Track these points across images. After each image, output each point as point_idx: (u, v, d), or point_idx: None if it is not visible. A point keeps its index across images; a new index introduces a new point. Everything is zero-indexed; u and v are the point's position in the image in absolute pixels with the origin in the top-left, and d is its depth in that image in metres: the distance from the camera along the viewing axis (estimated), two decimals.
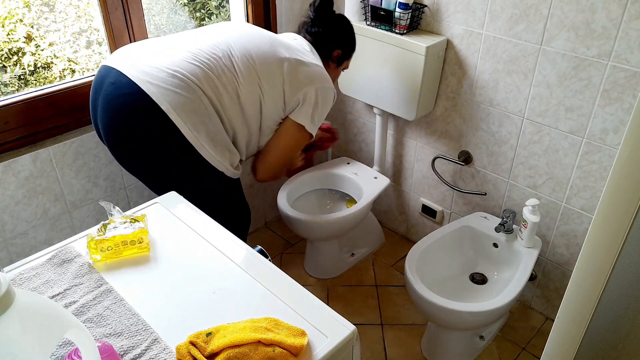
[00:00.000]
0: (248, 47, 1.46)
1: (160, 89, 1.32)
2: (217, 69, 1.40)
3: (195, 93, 1.35)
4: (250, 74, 1.43)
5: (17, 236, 1.60)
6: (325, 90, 1.56)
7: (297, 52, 1.55)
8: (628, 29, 1.40)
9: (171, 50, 1.41)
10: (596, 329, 0.90)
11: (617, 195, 0.76)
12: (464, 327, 1.67)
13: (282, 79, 1.48)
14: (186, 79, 1.34)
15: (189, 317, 0.93)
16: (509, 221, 1.77)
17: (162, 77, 1.33)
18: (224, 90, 1.40)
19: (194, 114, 1.34)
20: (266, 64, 1.46)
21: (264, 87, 1.46)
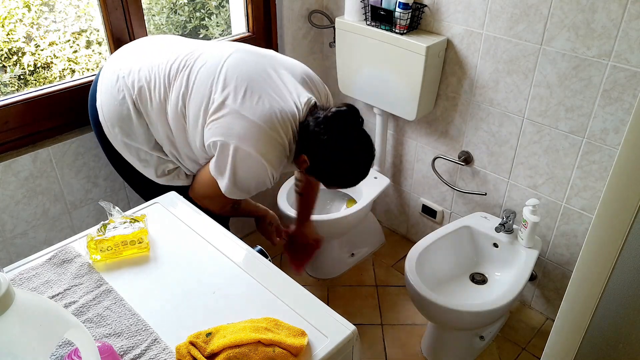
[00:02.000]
0: (200, 71, 1.36)
1: (104, 92, 1.42)
2: (156, 82, 1.38)
3: (125, 100, 1.39)
4: (177, 98, 1.36)
5: (17, 236, 1.60)
6: (243, 154, 1.28)
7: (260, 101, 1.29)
8: (628, 29, 1.40)
9: (147, 54, 1.44)
10: (596, 329, 0.90)
11: (617, 195, 0.76)
12: (464, 327, 1.67)
13: (204, 117, 1.32)
14: (124, 84, 1.40)
15: (189, 317, 0.93)
16: (509, 221, 1.77)
17: (112, 79, 1.41)
18: (152, 105, 1.39)
19: (118, 118, 1.40)
20: (196, 94, 1.34)
21: (188, 116, 1.36)
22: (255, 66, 1.36)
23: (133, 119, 1.40)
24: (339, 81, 2.09)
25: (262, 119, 1.28)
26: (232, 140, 1.27)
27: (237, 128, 1.28)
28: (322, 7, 2.15)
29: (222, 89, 1.31)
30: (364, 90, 2.02)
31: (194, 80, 1.35)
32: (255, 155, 1.28)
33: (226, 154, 1.29)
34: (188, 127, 1.37)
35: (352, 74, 2.01)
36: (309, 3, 2.10)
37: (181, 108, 1.36)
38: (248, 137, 1.27)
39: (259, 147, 1.28)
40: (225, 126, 1.28)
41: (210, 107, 1.31)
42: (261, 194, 2.35)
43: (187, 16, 2.10)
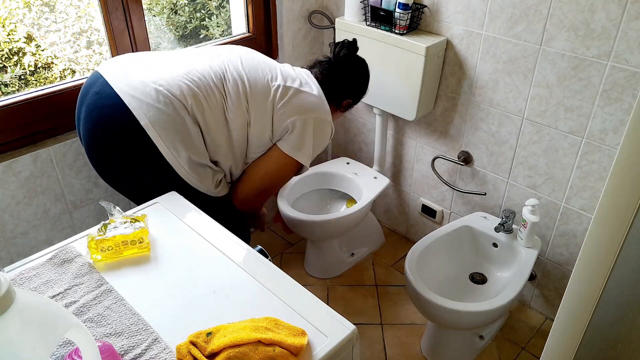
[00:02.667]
0: (242, 70, 1.44)
1: (142, 103, 1.29)
2: (207, 89, 1.36)
3: (178, 111, 1.31)
4: (239, 98, 1.40)
5: (17, 236, 1.60)
6: (320, 122, 1.51)
7: (295, 80, 1.51)
8: (628, 29, 1.40)
9: (163, 65, 1.38)
10: (596, 329, 0.90)
11: (616, 195, 0.76)
12: (464, 327, 1.67)
13: (272, 106, 1.45)
14: (171, 95, 1.31)
15: (189, 317, 0.93)
16: (508, 221, 1.78)
17: (147, 92, 1.30)
18: (210, 111, 1.36)
19: (175, 132, 1.31)
20: (256, 89, 1.43)
21: (252, 112, 1.42)
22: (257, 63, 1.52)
23: (191, 130, 1.34)
24: None
25: (314, 90, 1.53)
26: (310, 114, 1.48)
27: (307, 103, 1.48)
28: (322, 7, 2.15)
29: (274, 78, 1.48)
30: None
31: (247, 78, 1.44)
32: (327, 119, 1.53)
33: (308, 128, 1.47)
34: (251, 123, 1.43)
35: None
36: (309, 3, 2.10)
37: (245, 106, 1.42)
38: (317, 107, 1.51)
39: (326, 112, 1.53)
40: (297, 105, 1.47)
41: (275, 95, 1.45)
42: None
43: (187, 16, 2.10)
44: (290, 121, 1.45)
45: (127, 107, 1.29)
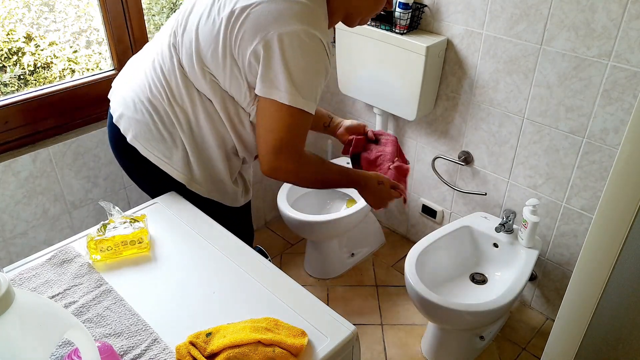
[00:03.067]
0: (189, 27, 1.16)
1: (126, 119, 1.25)
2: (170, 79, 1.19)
3: (153, 116, 1.22)
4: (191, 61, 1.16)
5: (17, 236, 1.60)
6: (288, 38, 1.04)
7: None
8: (628, 29, 1.40)
9: (140, 65, 1.28)
10: (596, 329, 0.90)
11: (617, 195, 0.76)
12: (464, 327, 1.67)
13: (225, 44, 1.10)
14: (152, 108, 1.22)
15: (189, 317, 0.93)
16: (509, 221, 1.77)
17: (128, 104, 1.25)
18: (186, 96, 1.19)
19: (160, 142, 1.22)
20: (204, 33, 1.13)
21: (212, 68, 1.14)
22: None
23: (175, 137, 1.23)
24: (338, 81, 2.09)
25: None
26: (270, 31, 1.04)
27: (267, 18, 1.05)
28: None
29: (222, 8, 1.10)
30: (364, 90, 2.02)
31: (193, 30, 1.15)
32: (305, 29, 1.04)
33: (271, 52, 1.04)
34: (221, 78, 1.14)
35: (352, 74, 2.01)
36: None
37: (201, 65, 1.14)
38: (286, 15, 1.04)
39: (305, 19, 1.05)
40: (255, 25, 1.06)
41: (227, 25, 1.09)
42: (261, 193, 2.36)
43: None
44: (249, 54, 1.07)
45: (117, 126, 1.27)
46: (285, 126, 1.10)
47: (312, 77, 1.09)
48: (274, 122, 1.10)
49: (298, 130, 1.12)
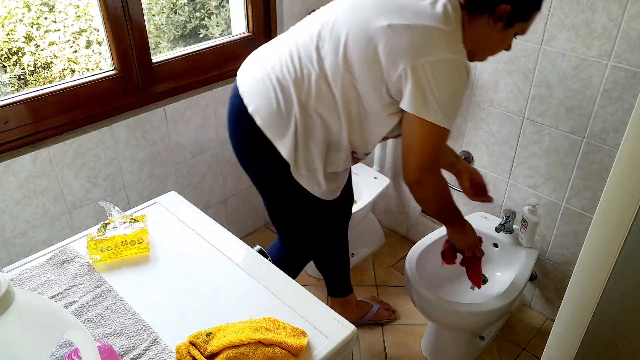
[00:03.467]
0: (340, 25, 1.24)
1: (251, 95, 1.29)
2: (307, 63, 1.25)
3: (284, 94, 1.25)
4: (338, 60, 1.22)
5: (16, 236, 1.60)
6: (437, 65, 1.15)
7: (408, 13, 1.18)
8: (628, 29, 1.40)
9: (274, 51, 1.33)
10: (597, 329, 0.90)
11: (617, 195, 0.76)
12: (464, 327, 1.67)
13: (376, 55, 1.18)
14: (278, 85, 1.26)
15: (189, 317, 0.93)
16: (509, 221, 1.77)
17: (256, 79, 1.30)
18: (313, 86, 1.24)
19: (278, 117, 1.26)
20: (356, 42, 1.20)
21: (355, 71, 1.22)
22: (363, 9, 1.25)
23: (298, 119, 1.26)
24: None
25: (429, 19, 1.17)
26: (424, 57, 1.14)
27: (418, 42, 1.15)
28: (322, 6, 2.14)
29: (377, 15, 1.18)
30: None
31: (343, 30, 1.22)
32: (451, 58, 1.17)
33: (424, 76, 1.15)
34: (359, 84, 1.22)
35: None
36: (309, 3, 2.10)
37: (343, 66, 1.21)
38: (436, 44, 1.16)
39: (450, 49, 1.17)
40: (405, 46, 1.15)
41: (379, 38, 1.17)
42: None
43: (187, 16, 2.10)
44: (400, 70, 1.16)
45: (246, 107, 1.30)
46: (431, 143, 1.23)
47: (457, 100, 1.22)
48: (422, 138, 1.22)
49: (440, 146, 1.28)
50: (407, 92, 1.18)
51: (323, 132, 1.28)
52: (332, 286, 1.86)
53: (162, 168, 1.90)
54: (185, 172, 1.99)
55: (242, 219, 2.34)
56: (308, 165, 1.31)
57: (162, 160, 1.89)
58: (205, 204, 2.12)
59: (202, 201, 2.11)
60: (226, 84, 1.97)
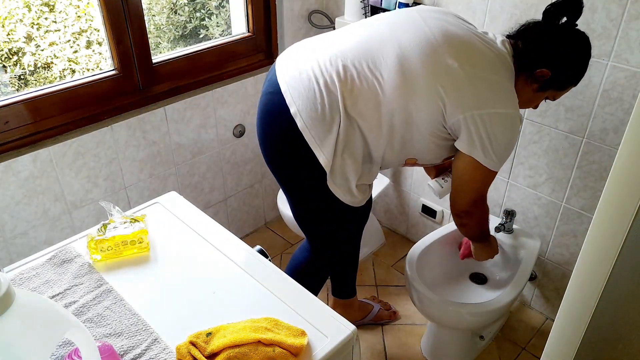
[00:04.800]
0: (406, 45, 1.23)
1: (294, 90, 1.25)
2: (361, 73, 1.23)
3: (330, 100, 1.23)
4: (400, 80, 1.22)
5: (17, 236, 1.60)
6: (498, 117, 1.22)
7: (476, 60, 1.23)
8: (628, 29, 1.40)
9: (322, 51, 1.29)
10: (596, 329, 0.90)
11: (617, 195, 0.76)
12: (464, 327, 1.67)
13: (442, 90, 1.21)
14: (325, 89, 1.23)
15: (189, 317, 0.93)
16: (509, 221, 1.77)
17: (300, 80, 1.25)
18: (361, 97, 1.23)
19: (321, 123, 1.23)
20: (425, 70, 1.21)
21: (416, 96, 1.22)
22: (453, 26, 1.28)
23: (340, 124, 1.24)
24: None
25: (495, 72, 1.24)
26: (484, 109, 1.21)
27: (481, 95, 1.21)
28: (322, 7, 2.15)
29: (449, 50, 1.22)
30: None
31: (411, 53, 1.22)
32: (508, 112, 1.23)
33: (484, 125, 1.22)
34: (414, 109, 1.23)
35: None
36: (309, 3, 2.10)
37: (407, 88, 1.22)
38: (496, 98, 1.22)
39: (508, 104, 1.24)
40: (468, 96, 1.21)
41: (444, 76, 1.21)
42: (261, 193, 2.36)
43: (187, 16, 2.10)
44: (462, 117, 1.22)
45: (284, 96, 1.27)
46: (482, 183, 1.34)
47: (510, 149, 1.30)
48: (476, 179, 1.31)
49: (489, 185, 1.37)
50: (466, 135, 1.24)
51: (362, 145, 1.27)
52: (337, 287, 1.86)
53: (162, 168, 1.90)
54: (185, 172, 1.99)
55: (242, 219, 2.34)
56: (343, 175, 1.30)
57: (162, 160, 1.89)
58: (205, 204, 2.12)
59: (202, 201, 2.11)
60: (226, 84, 1.97)
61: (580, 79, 1.33)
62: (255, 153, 2.21)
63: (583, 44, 1.29)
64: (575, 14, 1.26)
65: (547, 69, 1.26)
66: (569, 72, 1.30)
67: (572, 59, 1.29)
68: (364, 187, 1.37)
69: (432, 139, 1.29)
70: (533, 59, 1.27)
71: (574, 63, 1.30)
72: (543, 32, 1.28)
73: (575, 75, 1.32)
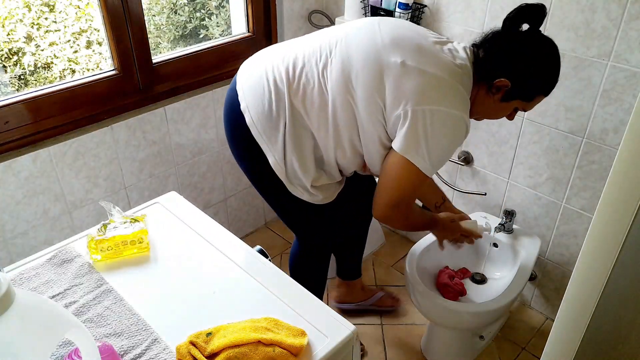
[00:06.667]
0: (353, 46, 1.23)
1: (246, 91, 1.28)
2: (308, 72, 1.23)
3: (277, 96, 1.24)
4: (343, 79, 1.21)
5: (17, 236, 1.60)
6: (440, 115, 1.16)
7: (424, 58, 1.19)
8: (628, 29, 1.40)
9: (279, 53, 1.31)
10: (596, 329, 0.90)
11: (617, 195, 0.76)
12: (464, 327, 1.67)
13: (382, 87, 1.18)
14: (274, 86, 1.24)
15: (189, 317, 0.93)
16: (508, 221, 1.77)
17: (253, 78, 1.28)
18: (308, 95, 1.23)
19: (268, 119, 1.24)
20: (365, 68, 1.20)
21: (357, 95, 1.20)
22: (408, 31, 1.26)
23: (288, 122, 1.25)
24: None
25: (443, 71, 1.18)
26: (428, 104, 1.15)
27: (427, 89, 1.16)
28: (322, 7, 2.15)
29: (393, 49, 1.19)
30: None
31: (355, 53, 1.21)
32: (455, 113, 1.17)
33: (422, 121, 1.15)
34: (358, 109, 1.21)
35: None
36: (309, 3, 2.10)
37: (348, 85, 1.20)
38: (444, 95, 1.17)
39: (457, 104, 1.18)
40: (412, 89, 1.16)
41: (388, 73, 1.17)
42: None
43: (187, 16, 2.10)
44: (402, 110, 1.16)
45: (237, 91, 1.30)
46: (409, 185, 1.24)
47: (447, 153, 1.24)
48: (401, 178, 1.23)
49: (416, 190, 1.29)
50: (401, 132, 1.18)
51: (311, 145, 1.27)
52: (341, 268, 1.89)
53: (162, 168, 1.90)
54: (185, 172, 1.99)
55: (242, 219, 2.34)
56: (294, 174, 1.29)
57: (162, 160, 1.89)
58: (205, 204, 2.13)
59: (202, 201, 2.11)
60: (226, 84, 1.97)
61: (550, 88, 1.25)
62: None
63: (547, 51, 1.22)
64: (537, 20, 1.20)
65: (506, 79, 1.20)
66: (532, 81, 1.23)
67: (533, 67, 1.22)
68: (326, 186, 1.35)
69: (377, 142, 1.25)
70: (491, 69, 1.22)
71: (537, 72, 1.22)
72: (501, 40, 1.22)
73: (541, 84, 1.24)
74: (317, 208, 1.40)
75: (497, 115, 1.33)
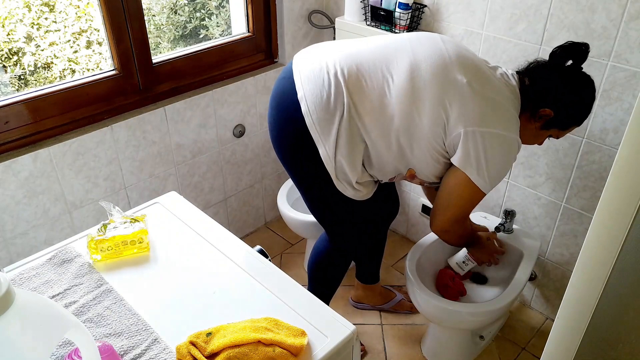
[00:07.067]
0: (420, 55, 1.27)
1: (304, 80, 1.28)
2: (372, 73, 1.26)
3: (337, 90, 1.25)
4: (409, 86, 1.24)
5: (17, 236, 1.60)
6: (498, 138, 1.24)
7: (486, 82, 1.27)
8: (628, 29, 1.40)
9: (340, 50, 1.32)
10: (596, 329, 0.90)
11: (617, 195, 0.76)
12: (464, 327, 1.67)
13: (447, 102, 1.23)
14: (334, 80, 1.25)
15: (189, 317, 0.93)
16: (508, 221, 1.77)
17: (312, 68, 1.28)
18: (368, 96, 1.25)
19: (324, 110, 1.25)
20: (434, 80, 1.24)
21: (421, 104, 1.24)
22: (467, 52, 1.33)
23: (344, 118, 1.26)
24: None
25: (501, 96, 1.27)
26: (486, 127, 1.23)
27: (486, 113, 1.24)
28: (322, 7, 2.15)
29: (459, 67, 1.25)
30: None
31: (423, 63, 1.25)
32: (509, 135, 1.26)
33: (482, 143, 1.23)
34: (419, 118, 1.24)
35: None
36: (309, 3, 2.10)
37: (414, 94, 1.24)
38: (500, 119, 1.25)
39: (510, 127, 1.27)
40: (472, 112, 1.23)
41: (454, 91, 1.23)
42: (261, 193, 2.36)
43: (187, 16, 2.10)
44: (464, 130, 1.23)
45: (294, 79, 1.30)
46: (468, 202, 1.35)
47: (503, 173, 1.32)
48: (462, 196, 1.32)
49: (473, 207, 1.38)
50: (463, 150, 1.25)
51: (361, 142, 1.28)
52: (361, 272, 1.92)
53: (162, 168, 1.90)
54: (185, 172, 1.99)
55: (242, 219, 2.34)
56: (342, 170, 1.30)
57: (162, 160, 1.89)
58: (205, 204, 2.13)
59: (202, 201, 2.11)
60: (226, 84, 1.97)
61: (583, 120, 1.36)
62: (255, 153, 2.21)
63: (587, 87, 1.33)
64: (580, 58, 1.31)
65: (550, 109, 1.31)
66: (572, 113, 1.34)
67: (575, 101, 1.32)
68: (367, 183, 1.37)
69: (430, 152, 1.30)
70: (537, 99, 1.31)
71: (577, 105, 1.33)
72: (549, 73, 1.32)
73: (578, 116, 1.35)
74: (355, 208, 1.41)
75: (535, 140, 1.42)
